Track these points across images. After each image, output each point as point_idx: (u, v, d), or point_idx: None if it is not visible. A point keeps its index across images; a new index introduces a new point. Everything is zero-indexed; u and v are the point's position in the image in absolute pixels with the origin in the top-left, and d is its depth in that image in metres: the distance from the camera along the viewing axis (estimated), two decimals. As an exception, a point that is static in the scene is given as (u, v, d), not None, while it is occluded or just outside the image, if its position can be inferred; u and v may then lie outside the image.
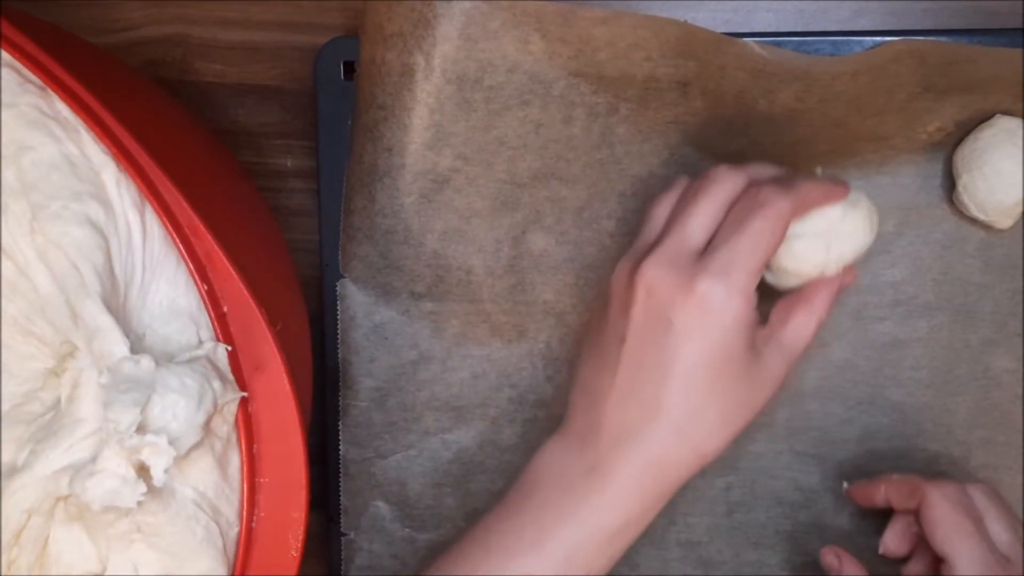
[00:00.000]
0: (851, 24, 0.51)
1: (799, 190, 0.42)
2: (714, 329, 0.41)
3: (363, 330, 0.51)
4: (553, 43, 0.46)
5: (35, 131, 0.36)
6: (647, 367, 0.42)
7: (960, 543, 0.43)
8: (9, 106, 0.36)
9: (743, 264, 0.41)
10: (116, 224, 0.36)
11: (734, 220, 0.42)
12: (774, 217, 0.41)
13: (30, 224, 0.35)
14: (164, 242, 0.37)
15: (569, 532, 0.42)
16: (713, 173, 0.43)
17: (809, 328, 0.44)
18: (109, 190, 0.36)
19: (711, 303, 0.41)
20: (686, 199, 0.43)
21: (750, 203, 0.42)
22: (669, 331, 0.41)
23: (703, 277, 0.41)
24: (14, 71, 0.36)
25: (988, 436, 0.51)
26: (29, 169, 0.36)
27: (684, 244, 0.42)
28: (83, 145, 0.36)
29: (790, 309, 0.44)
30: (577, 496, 0.42)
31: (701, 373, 0.41)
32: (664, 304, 0.41)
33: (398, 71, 0.47)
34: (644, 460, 0.42)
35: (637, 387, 0.42)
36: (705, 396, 0.41)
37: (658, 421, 0.41)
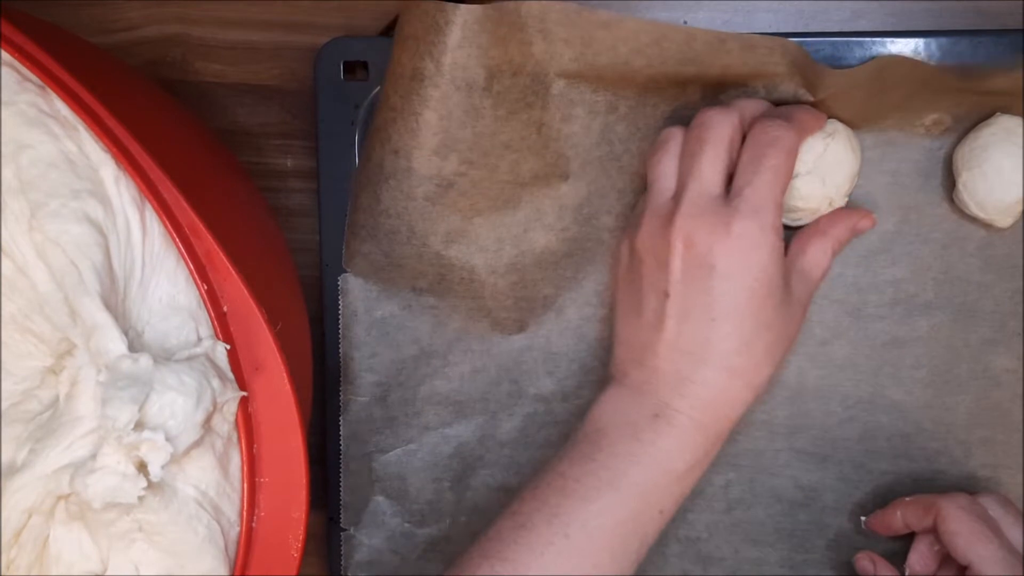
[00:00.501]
0: (851, 24, 0.51)
1: (799, 120, 0.45)
2: (754, 266, 0.43)
3: (364, 325, 0.51)
4: (555, 44, 0.46)
5: (34, 129, 0.36)
6: (694, 314, 0.44)
7: (982, 548, 0.44)
8: (8, 104, 0.36)
9: (769, 200, 0.43)
10: (115, 221, 0.36)
11: (751, 160, 0.44)
12: (787, 152, 0.44)
13: (29, 222, 0.35)
14: (164, 239, 0.37)
15: (641, 475, 0.44)
16: (707, 119, 0.45)
17: (826, 255, 0.47)
18: (108, 188, 0.36)
19: (749, 242, 0.43)
20: (691, 150, 0.45)
21: (761, 141, 0.44)
22: (712, 275, 0.43)
23: (737, 218, 0.43)
24: (13, 70, 0.36)
25: (988, 435, 0.51)
26: (27, 167, 0.36)
27: (705, 192, 0.44)
28: (82, 143, 0.36)
29: (806, 240, 0.47)
30: (644, 442, 0.44)
31: (746, 310, 0.43)
32: (704, 251, 0.43)
33: (408, 74, 0.47)
34: (703, 402, 0.44)
35: (686, 334, 0.44)
36: (752, 331, 0.44)
37: (711, 363, 0.44)
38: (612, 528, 0.43)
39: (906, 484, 0.51)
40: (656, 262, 0.45)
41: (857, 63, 0.48)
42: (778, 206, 0.44)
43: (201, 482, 0.36)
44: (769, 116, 0.45)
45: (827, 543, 0.51)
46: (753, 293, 0.43)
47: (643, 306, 0.45)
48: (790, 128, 0.44)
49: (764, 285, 0.43)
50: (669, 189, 0.46)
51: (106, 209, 0.36)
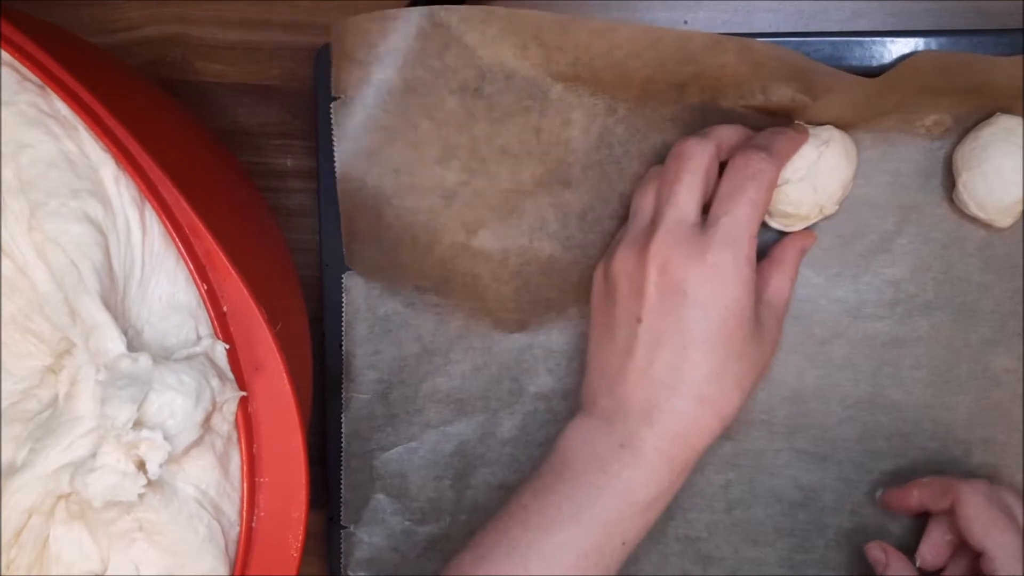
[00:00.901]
0: (851, 24, 0.51)
1: (779, 151, 0.45)
2: (728, 297, 0.43)
3: (367, 322, 0.51)
4: (551, 51, 0.46)
5: (33, 129, 0.36)
6: (665, 342, 0.44)
7: (999, 535, 0.44)
8: (8, 104, 0.36)
9: (745, 232, 0.44)
10: (115, 221, 0.36)
11: (730, 191, 0.44)
12: (766, 185, 0.44)
13: (28, 222, 0.35)
14: (164, 238, 0.37)
15: (605, 508, 0.43)
16: (685, 149, 0.45)
17: (788, 284, 0.47)
18: (108, 187, 0.36)
19: (723, 272, 0.43)
20: (668, 179, 0.45)
21: (743, 173, 0.44)
22: (685, 303, 0.43)
23: (712, 248, 0.43)
24: (13, 70, 0.36)
25: (988, 435, 0.51)
26: (27, 167, 0.36)
27: (682, 220, 0.44)
28: (81, 143, 0.36)
29: (768, 272, 0.47)
30: (610, 473, 0.43)
31: (718, 340, 0.43)
32: (678, 278, 0.43)
33: (400, 88, 0.47)
34: (671, 432, 0.44)
35: (657, 362, 0.44)
36: (723, 361, 0.43)
37: (681, 392, 0.43)
38: (573, 561, 0.43)
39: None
40: (631, 288, 0.45)
41: (857, 63, 0.48)
42: (753, 238, 0.44)
43: (201, 481, 0.36)
44: (751, 146, 0.45)
45: (827, 543, 0.51)
46: (725, 323, 0.43)
47: (616, 332, 0.45)
48: (771, 161, 0.44)
49: (736, 315, 0.43)
50: (647, 217, 0.46)
51: (106, 209, 0.36)
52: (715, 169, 0.46)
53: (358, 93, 0.47)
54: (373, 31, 0.46)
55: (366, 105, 0.47)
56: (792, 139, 0.47)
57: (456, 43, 0.46)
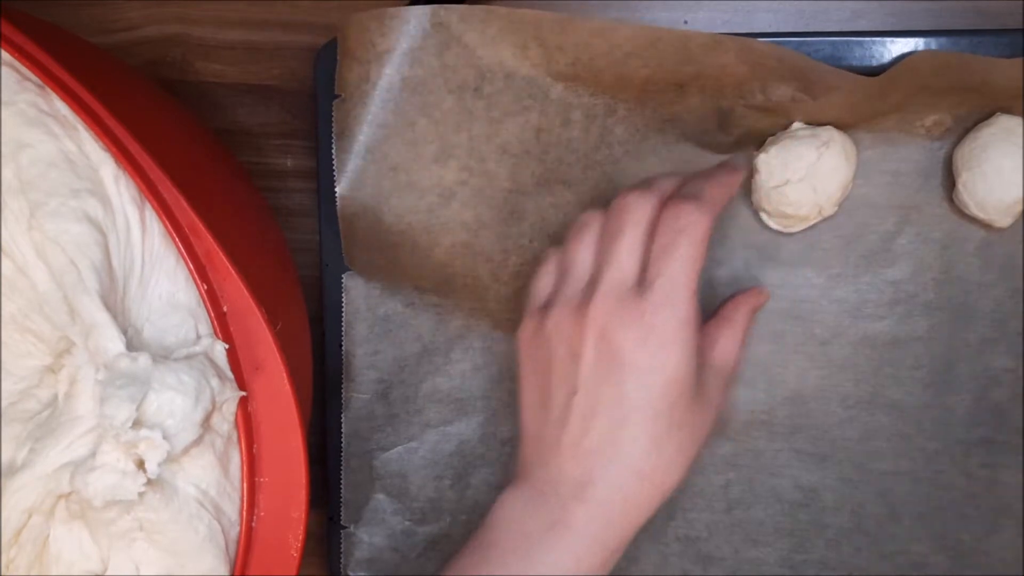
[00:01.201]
0: (851, 24, 0.51)
1: (710, 198, 0.43)
2: (668, 363, 0.41)
3: (367, 322, 0.51)
4: (551, 51, 0.46)
5: (33, 129, 0.36)
6: (602, 412, 0.41)
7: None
8: (7, 104, 0.36)
9: (682, 292, 0.41)
10: (115, 220, 0.36)
11: (662, 248, 0.42)
12: (698, 239, 0.42)
13: (28, 222, 0.35)
14: (164, 238, 0.37)
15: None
16: (625, 203, 0.43)
17: (736, 346, 0.45)
18: (108, 187, 0.36)
19: (662, 337, 0.41)
20: (609, 235, 0.43)
21: (672, 227, 0.42)
22: (623, 371, 0.41)
23: (650, 311, 0.41)
24: (13, 69, 0.36)
25: (988, 435, 0.51)
26: (27, 167, 0.36)
27: (622, 281, 0.42)
28: (81, 142, 0.36)
29: (716, 332, 0.45)
30: (541, 551, 0.41)
31: (657, 409, 0.41)
32: (616, 344, 0.41)
33: (398, 86, 0.47)
34: (606, 508, 0.41)
35: (592, 435, 0.41)
36: (664, 431, 0.41)
37: (618, 465, 0.41)
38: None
39: (906, 484, 0.51)
40: (568, 352, 0.42)
41: (857, 63, 0.48)
42: (692, 296, 0.41)
43: (202, 481, 0.36)
44: (680, 197, 0.43)
45: (827, 543, 0.51)
46: (666, 392, 0.41)
47: (551, 400, 0.43)
48: (701, 210, 0.42)
49: (677, 383, 0.41)
50: (585, 274, 0.43)
51: (106, 208, 0.36)
52: (658, 222, 0.43)
53: (358, 91, 0.47)
54: (373, 29, 0.46)
55: (365, 103, 0.47)
56: (724, 183, 0.44)
57: (456, 42, 0.47)
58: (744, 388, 0.51)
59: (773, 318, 0.51)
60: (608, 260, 0.42)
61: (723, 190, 0.44)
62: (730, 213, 0.51)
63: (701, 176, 0.44)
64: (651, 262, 0.42)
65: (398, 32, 0.46)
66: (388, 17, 0.46)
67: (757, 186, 0.49)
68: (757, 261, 0.51)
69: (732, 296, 0.47)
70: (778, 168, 0.48)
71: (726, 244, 0.51)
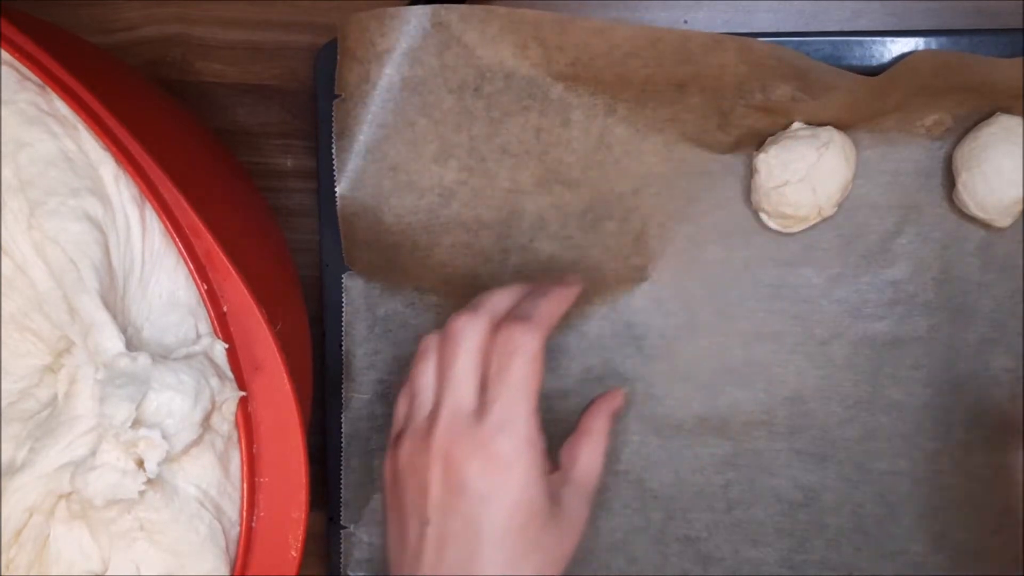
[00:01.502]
0: (851, 24, 0.51)
1: (541, 315, 0.42)
2: (513, 486, 0.40)
3: (367, 322, 0.51)
4: (551, 50, 0.46)
5: (33, 128, 0.36)
6: (453, 543, 0.41)
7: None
8: (7, 103, 0.36)
9: (520, 413, 0.41)
10: (115, 219, 0.36)
11: (497, 372, 0.42)
12: (530, 357, 0.41)
13: (28, 221, 0.35)
14: (164, 236, 0.37)
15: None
16: (456, 329, 0.43)
17: (598, 460, 0.45)
18: (107, 186, 0.36)
19: (504, 461, 0.40)
20: (445, 363, 0.43)
21: (505, 350, 0.41)
22: (470, 499, 0.41)
23: (490, 436, 0.41)
24: (12, 69, 0.36)
25: (988, 435, 0.51)
26: (27, 166, 0.36)
27: (460, 408, 0.42)
28: (81, 141, 0.36)
29: (576, 447, 0.44)
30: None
31: (509, 534, 0.40)
32: (461, 473, 0.41)
33: (398, 86, 0.47)
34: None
35: (446, 564, 0.41)
36: (518, 556, 0.40)
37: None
38: None
39: (906, 484, 0.51)
40: (416, 484, 0.42)
41: (857, 63, 0.48)
42: (531, 416, 0.41)
43: (202, 481, 0.36)
44: (512, 318, 0.42)
45: (827, 543, 0.51)
46: (514, 514, 0.40)
47: (406, 530, 0.42)
48: (532, 331, 0.41)
49: (525, 505, 0.40)
50: (429, 402, 0.43)
51: (105, 207, 0.36)
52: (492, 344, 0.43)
53: (358, 91, 0.47)
54: (373, 29, 0.46)
55: (365, 103, 0.47)
56: (557, 298, 0.44)
57: (456, 42, 0.47)
58: (744, 388, 0.51)
59: (773, 318, 0.51)
60: (445, 388, 0.42)
61: (556, 306, 0.44)
62: (730, 213, 0.51)
63: (537, 291, 0.44)
64: (488, 386, 0.42)
65: (398, 32, 0.46)
66: (388, 17, 0.46)
67: (757, 186, 0.49)
68: (757, 261, 0.51)
69: (589, 404, 0.46)
70: (777, 168, 0.48)
71: (727, 244, 0.51)
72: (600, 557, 0.52)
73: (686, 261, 0.51)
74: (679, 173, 0.50)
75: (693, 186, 0.50)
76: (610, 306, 0.51)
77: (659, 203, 0.50)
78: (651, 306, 0.51)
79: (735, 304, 0.51)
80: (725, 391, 0.51)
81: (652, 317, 0.51)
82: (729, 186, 0.51)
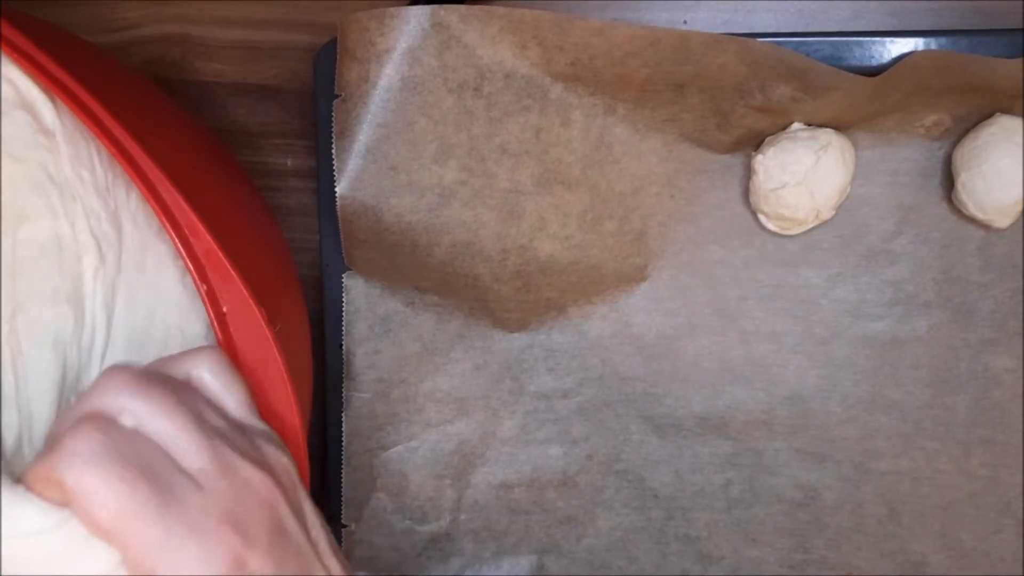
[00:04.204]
0: (851, 24, 0.51)
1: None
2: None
3: (368, 322, 0.51)
4: (550, 50, 0.46)
5: (37, 199, 0.35)
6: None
7: None
8: (19, 161, 0.35)
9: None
10: (81, 334, 0.36)
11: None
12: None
13: (9, 323, 0.35)
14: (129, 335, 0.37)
15: None
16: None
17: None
18: (85, 284, 0.36)
19: None
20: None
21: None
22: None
23: None
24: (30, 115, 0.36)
25: (988, 435, 0.51)
26: (24, 243, 0.35)
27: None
28: (75, 220, 0.36)
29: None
30: None
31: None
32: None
33: (398, 86, 0.47)
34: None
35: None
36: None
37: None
38: None
39: (906, 484, 0.51)
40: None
41: (857, 63, 0.48)
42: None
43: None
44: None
45: (827, 543, 0.52)
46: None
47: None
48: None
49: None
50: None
51: (76, 319, 0.36)
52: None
53: (358, 91, 0.47)
54: (373, 29, 0.46)
55: (365, 103, 0.47)
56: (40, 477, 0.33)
57: (456, 42, 0.47)
58: (744, 388, 0.51)
59: (773, 318, 0.51)
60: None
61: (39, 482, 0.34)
62: (730, 213, 0.51)
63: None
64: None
65: (398, 32, 0.46)
66: (388, 17, 0.46)
67: (755, 188, 0.49)
68: (757, 261, 0.51)
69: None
70: (775, 170, 0.48)
71: (726, 243, 0.51)
72: (600, 556, 0.52)
73: (686, 261, 0.51)
74: (679, 173, 0.50)
75: (693, 186, 0.50)
76: (610, 306, 0.51)
77: (659, 203, 0.50)
78: (651, 306, 0.51)
79: (735, 304, 0.51)
80: (725, 391, 0.51)
81: (652, 317, 0.51)
82: (729, 186, 0.51)
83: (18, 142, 0.35)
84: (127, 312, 0.37)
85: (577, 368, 0.52)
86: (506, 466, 0.52)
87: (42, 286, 0.35)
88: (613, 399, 0.52)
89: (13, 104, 0.36)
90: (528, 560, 0.52)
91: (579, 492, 0.52)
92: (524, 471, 0.52)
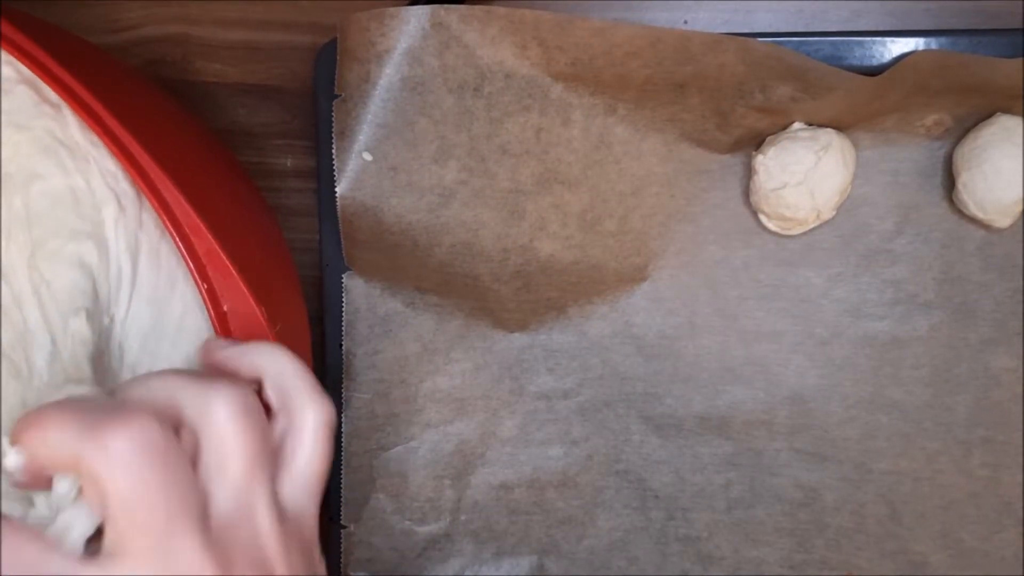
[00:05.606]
0: (851, 24, 0.51)
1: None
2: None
3: (367, 322, 0.51)
4: (551, 50, 0.47)
5: (47, 159, 0.36)
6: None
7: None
8: (24, 128, 0.36)
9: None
10: (108, 268, 0.36)
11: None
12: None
13: (28, 260, 0.35)
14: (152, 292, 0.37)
15: None
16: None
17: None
18: (107, 230, 0.36)
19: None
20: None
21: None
22: None
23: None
24: (32, 89, 0.36)
25: (988, 435, 0.51)
26: (37, 198, 0.36)
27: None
28: (90, 176, 0.36)
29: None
30: None
31: None
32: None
33: (398, 86, 0.47)
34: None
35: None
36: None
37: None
38: None
39: (906, 484, 0.51)
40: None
41: (857, 63, 0.48)
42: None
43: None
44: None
45: (827, 543, 0.51)
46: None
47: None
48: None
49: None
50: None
51: (101, 254, 0.36)
52: None
53: (358, 91, 0.47)
54: (373, 29, 0.46)
55: (365, 103, 0.48)
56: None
57: (456, 42, 0.47)
58: (744, 388, 0.51)
59: (773, 318, 0.51)
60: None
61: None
62: (730, 213, 0.51)
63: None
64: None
65: (398, 32, 0.46)
66: (388, 17, 0.46)
67: (756, 187, 0.49)
68: (757, 260, 0.51)
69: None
70: (776, 170, 0.48)
71: (726, 243, 0.51)
72: (600, 557, 0.52)
73: (686, 261, 0.51)
74: (679, 173, 0.50)
75: (693, 186, 0.50)
76: (610, 306, 0.51)
77: (659, 203, 0.51)
78: (651, 306, 0.51)
79: (735, 304, 0.51)
80: (725, 391, 0.51)
81: (652, 317, 0.51)
82: (729, 186, 0.51)
83: (22, 113, 0.36)
84: (150, 268, 0.37)
85: (577, 368, 0.52)
86: (506, 466, 0.52)
87: (61, 228, 0.36)
88: (613, 399, 0.52)
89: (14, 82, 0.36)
90: (528, 560, 0.52)
91: (579, 492, 0.52)
92: (524, 471, 0.52)
